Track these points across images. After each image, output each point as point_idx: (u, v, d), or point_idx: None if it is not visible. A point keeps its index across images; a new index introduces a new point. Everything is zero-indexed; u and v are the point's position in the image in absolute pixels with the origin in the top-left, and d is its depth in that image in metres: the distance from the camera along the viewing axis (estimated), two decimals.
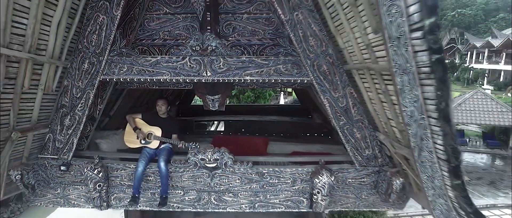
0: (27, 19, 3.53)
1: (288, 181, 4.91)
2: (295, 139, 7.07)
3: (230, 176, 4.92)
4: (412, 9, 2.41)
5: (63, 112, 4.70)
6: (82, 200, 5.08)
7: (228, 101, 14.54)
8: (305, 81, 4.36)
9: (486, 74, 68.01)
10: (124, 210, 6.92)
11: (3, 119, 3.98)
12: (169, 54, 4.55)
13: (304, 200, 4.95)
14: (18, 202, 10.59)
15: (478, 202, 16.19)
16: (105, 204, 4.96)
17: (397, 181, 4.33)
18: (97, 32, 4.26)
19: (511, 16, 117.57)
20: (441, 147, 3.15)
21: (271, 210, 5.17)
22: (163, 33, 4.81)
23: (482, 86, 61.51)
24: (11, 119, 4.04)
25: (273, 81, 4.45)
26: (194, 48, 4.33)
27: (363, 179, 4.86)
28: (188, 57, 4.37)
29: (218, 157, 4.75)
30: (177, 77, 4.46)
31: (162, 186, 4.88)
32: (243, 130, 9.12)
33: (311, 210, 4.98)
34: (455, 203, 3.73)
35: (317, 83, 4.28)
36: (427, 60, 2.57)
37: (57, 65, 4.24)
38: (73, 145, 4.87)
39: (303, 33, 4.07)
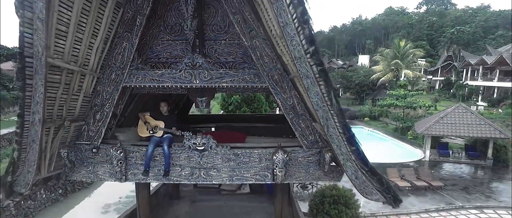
0: (80, 46, 5.50)
1: (256, 160, 6.78)
2: (268, 137, 8.91)
3: (214, 156, 6.79)
4: (303, 41, 4.31)
5: (95, 109, 6.63)
6: (107, 175, 6.96)
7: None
8: (264, 86, 6.29)
9: (480, 91, 69.24)
10: (136, 184, 8.70)
11: (58, 112, 5.89)
12: (170, 68, 6.49)
13: (268, 174, 6.80)
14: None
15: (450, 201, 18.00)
16: (123, 177, 6.83)
17: (327, 155, 6.21)
18: (121, 53, 6.22)
19: (511, 33, 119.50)
20: (338, 124, 5.04)
21: (245, 182, 7.03)
22: (166, 53, 6.74)
23: (477, 103, 63.12)
24: (64, 112, 5.97)
25: (242, 87, 6.40)
26: (187, 64, 6.29)
27: (309, 158, 6.72)
28: (183, 70, 6.32)
29: (205, 142, 6.65)
30: (176, 84, 6.40)
31: (165, 164, 6.77)
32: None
33: (274, 182, 6.84)
34: (357, 164, 5.59)
35: (272, 88, 6.20)
36: (316, 70, 4.47)
37: (93, 75, 6.19)
38: (101, 134, 6.79)
39: (260, 54, 6.01)
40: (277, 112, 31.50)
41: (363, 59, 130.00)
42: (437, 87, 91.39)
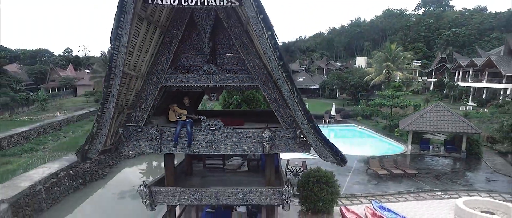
0: (138, 59, 8.53)
1: (251, 136, 9.81)
2: (260, 123, 11.91)
3: (222, 134, 9.82)
4: (277, 59, 7.33)
5: (141, 101, 9.66)
6: (147, 147, 9.99)
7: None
8: (255, 85, 9.32)
9: (471, 92, 71.75)
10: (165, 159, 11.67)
11: (120, 102, 8.91)
12: (193, 73, 9.52)
13: (259, 146, 9.83)
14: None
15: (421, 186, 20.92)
16: (159, 149, 9.87)
17: (298, 131, 9.25)
18: (161, 63, 9.27)
19: (505, 35, 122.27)
20: (301, 108, 8.09)
21: (244, 153, 10.07)
22: (190, 63, 9.76)
23: (468, 103, 65.98)
24: (123, 102, 9.00)
25: (241, 86, 9.44)
26: (204, 71, 9.34)
27: (287, 135, 9.75)
28: (202, 74, 9.37)
29: (216, 123, 9.70)
30: (197, 84, 9.45)
31: (188, 139, 9.80)
32: None
33: (263, 152, 9.86)
34: (315, 135, 8.63)
35: (260, 87, 9.23)
36: (285, 75, 7.51)
37: (142, 78, 9.24)
38: (144, 119, 9.83)
39: (253, 64, 9.04)
40: None
41: (360, 61, 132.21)
42: (431, 88, 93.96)
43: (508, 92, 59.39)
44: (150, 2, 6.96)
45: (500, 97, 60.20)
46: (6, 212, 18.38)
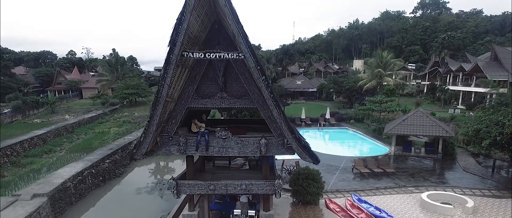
0: (173, 90, 12.14)
1: (251, 143, 13.42)
2: (258, 131, 15.50)
3: (230, 141, 13.42)
4: (268, 89, 10.93)
5: (172, 117, 13.25)
6: (175, 151, 13.57)
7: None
8: (254, 107, 12.92)
9: (460, 96, 75.01)
10: (186, 159, 15.24)
11: (160, 119, 12.50)
12: (210, 98, 13.12)
13: (258, 150, 13.42)
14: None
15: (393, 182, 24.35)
16: (185, 152, 13.46)
17: (285, 140, 12.86)
18: (188, 92, 12.85)
19: (498, 38, 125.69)
20: (285, 125, 11.70)
21: (246, 155, 13.68)
22: (208, 90, 13.32)
23: (458, 106, 69.51)
24: (162, 119, 12.61)
25: (243, 107, 13.05)
26: (218, 96, 12.96)
27: (278, 142, 13.34)
28: (217, 99, 12.98)
29: (226, 134, 13.31)
30: (213, 106, 13.07)
31: (206, 145, 13.40)
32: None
33: (260, 154, 13.45)
34: (297, 143, 12.24)
35: (259, 108, 12.81)
36: (274, 103, 11.10)
37: (175, 102, 12.85)
38: (173, 130, 13.42)
39: (252, 91, 12.61)
40: None
41: (357, 64, 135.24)
42: (425, 91, 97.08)
43: (493, 96, 62.69)
44: (185, 56, 10.57)
45: (487, 101, 63.45)
46: (46, 204, 21.95)
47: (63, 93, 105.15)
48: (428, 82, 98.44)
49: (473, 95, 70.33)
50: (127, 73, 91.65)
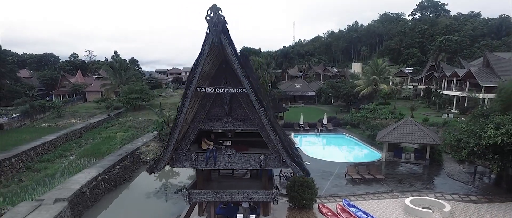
0: (187, 116, 14.52)
1: (252, 158, 15.80)
2: (258, 148, 17.87)
3: (234, 156, 15.80)
4: (266, 118, 13.30)
5: (185, 136, 15.63)
6: (188, 165, 15.96)
7: None
8: (255, 129, 15.28)
9: (454, 100, 77.10)
10: (197, 171, 17.65)
11: (177, 138, 14.88)
12: (217, 121, 15.49)
13: (258, 164, 15.81)
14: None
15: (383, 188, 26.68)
16: (195, 166, 15.85)
17: (280, 156, 15.25)
18: (200, 116, 15.24)
19: (494, 42, 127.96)
20: (282, 146, 14.09)
21: (248, 169, 16.06)
22: (216, 115, 15.66)
23: (452, 111, 71.77)
24: (178, 138, 14.99)
25: (246, 129, 15.42)
26: (224, 120, 15.35)
27: (275, 158, 15.71)
28: (223, 122, 15.36)
29: (231, 151, 15.69)
30: (220, 128, 15.46)
31: (214, 160, 15.79)
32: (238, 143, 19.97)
33: (260, 168, 15.83)
34: (290, 160, 14.63)
35: (259, 130, 15.17)
36: (272, 128, 13.47)
37: (188, 125, 15.23)
38: (187, 148, 15.80)
39: (253, 116, 14.98)
40: None
41: (356, 67, 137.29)
42: (421, 94, 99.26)
43: (486, 102, 65.01)
44: (199, 90, 12.97)
45: (479, 107, 65.62)
46: (67, 208, 24.33)
47: (67, 96, 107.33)
48: (424, 86, 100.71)
49: (466, 100, 72.56)
50: (130, 78, 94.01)
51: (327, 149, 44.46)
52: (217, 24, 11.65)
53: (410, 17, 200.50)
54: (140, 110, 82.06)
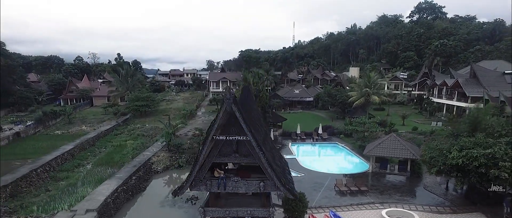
0: (205, 153, 18.94)
1: (253, 184, 20.24)
2: (259, 174, 22.30)
3: (240, 183, 20.23)
4: (267, 161, 17.72)
5: (202, 168, 20.05)
6: (203, 189, 20.41)
7: None
8: (257, 163, 19.70)
9: (443, 108, 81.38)
10: (210, 193, 22.12)
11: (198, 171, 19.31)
12: (227, 157, 19.89)
13: (258, 188, 20.24)
14: None
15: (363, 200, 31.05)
16: (210, 189, 20.31)
17: (275, 184, 19.70)
18: (213, 153, 19.60)
19: (487, 47, 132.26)
20: (277, 178, 18.55)
21: (250, 192, 20.53)
22: (226, 151, 20.03)
23: (442, 118, 76.06)
24: (196, 171, 19.42)
25: (249, 162, 19.84)
26: (233, 156, 19.78)
27: (272, 184, 20.13)
28: (231, 156, 19.79)
29: (237, 179, 20.14)
30: (229, 161, 19.90)
31: (224, 185, 20.22)
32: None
33: (260, 191, 20.28)
34: (283, 188, 19.10)
35: (259, 164, 19.58)
36: (270, 168, 17.88)
37: (204, 160, 19.67)
38: (203, 176, 20.24)
39: (255, 153, 19.40)
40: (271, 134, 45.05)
41: (353, 72, 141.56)
42: (415, 100, 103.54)
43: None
44: (214, 138, 17.39)
45: (467, 114, 69.86)
46: (96, 217, 28.76)
47: (75, 101, 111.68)
48: (418, 92, 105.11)
49: (455, 109, 76.94)
50: (136, 85, 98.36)
51: (321, 160, 48.86)
52: (229, 98, 16.18)
53: (408, 19, 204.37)
54: (146, 116, 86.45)
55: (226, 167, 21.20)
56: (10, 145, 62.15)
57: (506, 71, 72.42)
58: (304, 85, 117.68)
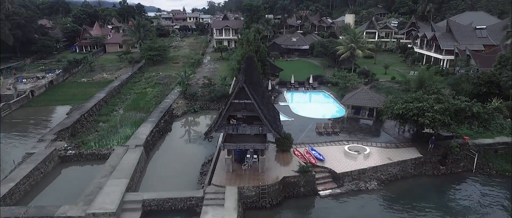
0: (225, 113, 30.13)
1: (255, 129, 31.57)
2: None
3: (246, 128, 31.50)
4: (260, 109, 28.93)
5: (222, 119, 31.23)
6: (223, 131, 31.80)
7: None
8: (264, 130, 30.87)
9: (423, 58, 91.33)
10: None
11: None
12: (239, 111, 30.96)
13: (259, 131, 31.59)
14: None
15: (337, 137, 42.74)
16: (226, 131, 31.69)
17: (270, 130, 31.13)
18: (230, 110, 30.73)
19: None
20: (271, 129, 29.90)
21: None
22: (238, 108, 31.06)
23: (421, 67, 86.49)
24: (219, 120, 30.71)
25: (254, 115, 31.04)
26: (242, 111, 30.98)
27: (267, 128, 31.43)
28: (241, 111, 30.96)
29: (244, 124, 31.44)
30: (242, 114, 31.07)
31: (236, 129, 31.51)
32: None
33: (260, 133, 31.68)
34: (274, 132, 30.47)
35: (259, 117, 30.75)
36: (263, 113, 29.12)
37: (224, 113, 30.87)
38: (223, 123, 31.54)
39: (256, 111, 30.49)
40: (270, 86, 56.16)
41: (349, 19, 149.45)
42: (399, 50, 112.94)
43: (444, 62, 79.89)
44: (232, 102, 28.43)
45: (440, 67, 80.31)
46: (143, 150, 40.45)
47: (89, 48, 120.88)
48: (406, 41, 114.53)
49: (431, 59, 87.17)
50: (147, 35, 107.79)
51: (309, 106, 59.86)
52: (241, 80, 27.11)
53: None
54: (158, 64, 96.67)
55: (238, 117, 32.18)
56: (48, 92, 73.50)
57: (477, 27, 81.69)
58: (301, 32, 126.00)
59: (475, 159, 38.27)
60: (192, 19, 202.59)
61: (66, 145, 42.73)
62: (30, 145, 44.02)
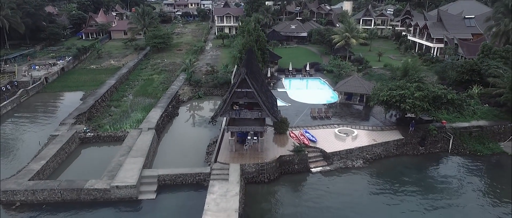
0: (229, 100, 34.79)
1: (255, 113, 36.26)
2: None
3: (247, 112, 36.17)
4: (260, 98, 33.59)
5: (226, 105, 35.84)
6: (227, 115, 36.51)
7: None
8: (263, 115, 35.49)
9: (415, 46, 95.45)
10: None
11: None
12: (241, 98, 35.54)
13: (258, 116, 36.30)
14: None
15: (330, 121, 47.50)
16: (229, 115, 36.41)
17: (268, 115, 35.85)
18: (233, 96, 35.36)
19: None
20: (270, 114, 34.59)
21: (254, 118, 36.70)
22: (240, 95, 35.64)
23: (414, 54, 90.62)
24: (224, 105, 35.40)
25: (254, 102, 35.68)
26: (244, 98, 35.66)
27: (266, 113, 36.10)
28: (243, 98, 35.62)
29: (245, 109, 36.13)
30: (243, 101, 35.72)
31: (239, 113, 36.18)
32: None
33: (260, 117, 36.41)
34: (272, 116, 35.19)
35: (259, 104, 35.38)
36: (262, 100, 33.80)
37: (228, 100, 35.52)
38: (227, 108, 36.22)
39: (256, 98, 35.11)
40: (269, 73, 60.78)
41: (346, 6, 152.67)
42: (394, 38, 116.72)
43: (434, 50, 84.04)
44: (235, 91, 33.05)
45: (430, 54, 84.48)
46: (154, 132, 45.17)
47: (95, 35, 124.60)
48: (400, 29, 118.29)
49: (423, 47, 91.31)
50: (152, 23, 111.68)
51: (305, 93, 64.35)
52: (244, 72, 31.67)
53: None
54: (162, 51, 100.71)
55: (240, 103, 36.82)
56: (60, 78, 77.96)
57: (466, 16, 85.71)
58: (300, 19, 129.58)
59: (451, 141, 43.09)
60: (193, 5, 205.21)
61: (85, 128, 47.41)
62: (53, 127, 48.66)
